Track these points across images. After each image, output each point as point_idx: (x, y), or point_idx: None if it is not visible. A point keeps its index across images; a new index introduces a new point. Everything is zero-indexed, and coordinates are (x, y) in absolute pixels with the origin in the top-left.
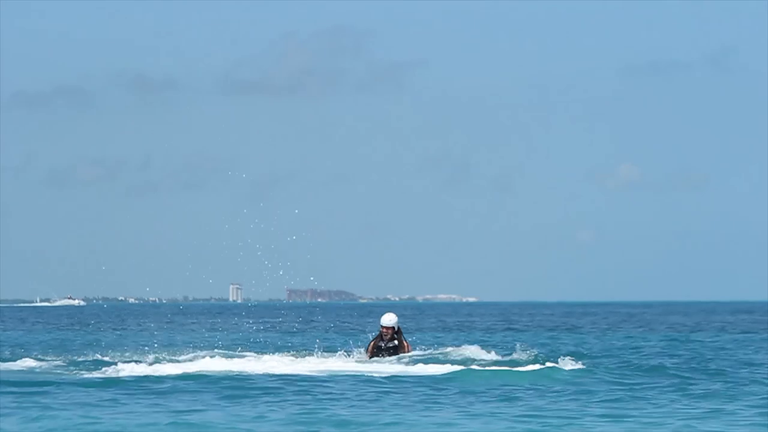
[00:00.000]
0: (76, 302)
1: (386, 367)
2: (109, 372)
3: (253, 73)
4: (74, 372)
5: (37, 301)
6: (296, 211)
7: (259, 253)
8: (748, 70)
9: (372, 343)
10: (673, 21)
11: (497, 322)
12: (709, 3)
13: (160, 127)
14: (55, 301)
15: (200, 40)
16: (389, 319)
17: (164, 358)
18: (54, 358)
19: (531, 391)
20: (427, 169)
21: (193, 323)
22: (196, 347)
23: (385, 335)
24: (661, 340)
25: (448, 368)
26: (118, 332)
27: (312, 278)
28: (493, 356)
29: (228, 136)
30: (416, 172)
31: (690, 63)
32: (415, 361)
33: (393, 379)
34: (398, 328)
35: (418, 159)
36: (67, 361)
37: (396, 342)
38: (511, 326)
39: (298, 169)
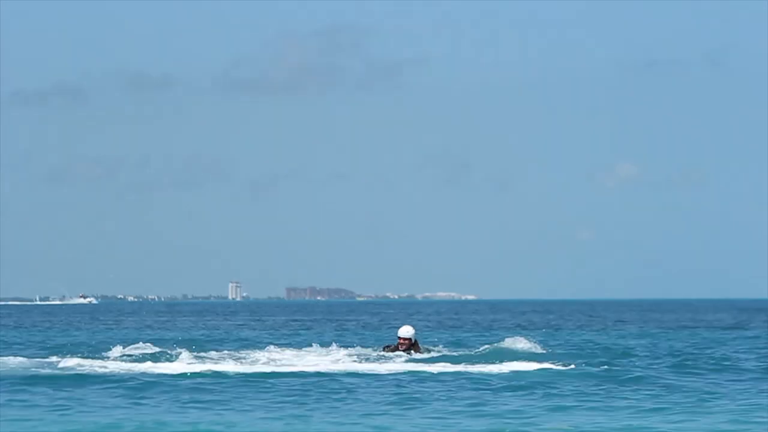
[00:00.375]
0: (87, 300)
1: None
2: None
3: (251, 72)
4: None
5: (36, 300)
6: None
7: (258, 252)
8: (745, 68)
9: (388, 352)
10: (671, 19)
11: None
12: (706, 2)
13: (158, 125)
14: (66, 299)
15: (198, 38)
16: (406, 331)
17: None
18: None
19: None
20: (426, 168)
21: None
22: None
23: (401, 345)
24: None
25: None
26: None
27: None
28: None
29: (226, 134)
30: (415, 170)
31: (688, 61)
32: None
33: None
34: (415, 340)
35: (418, 157)
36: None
37: (412, 352)
38: (522, 325)
39: (297, 168)
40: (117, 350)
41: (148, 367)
